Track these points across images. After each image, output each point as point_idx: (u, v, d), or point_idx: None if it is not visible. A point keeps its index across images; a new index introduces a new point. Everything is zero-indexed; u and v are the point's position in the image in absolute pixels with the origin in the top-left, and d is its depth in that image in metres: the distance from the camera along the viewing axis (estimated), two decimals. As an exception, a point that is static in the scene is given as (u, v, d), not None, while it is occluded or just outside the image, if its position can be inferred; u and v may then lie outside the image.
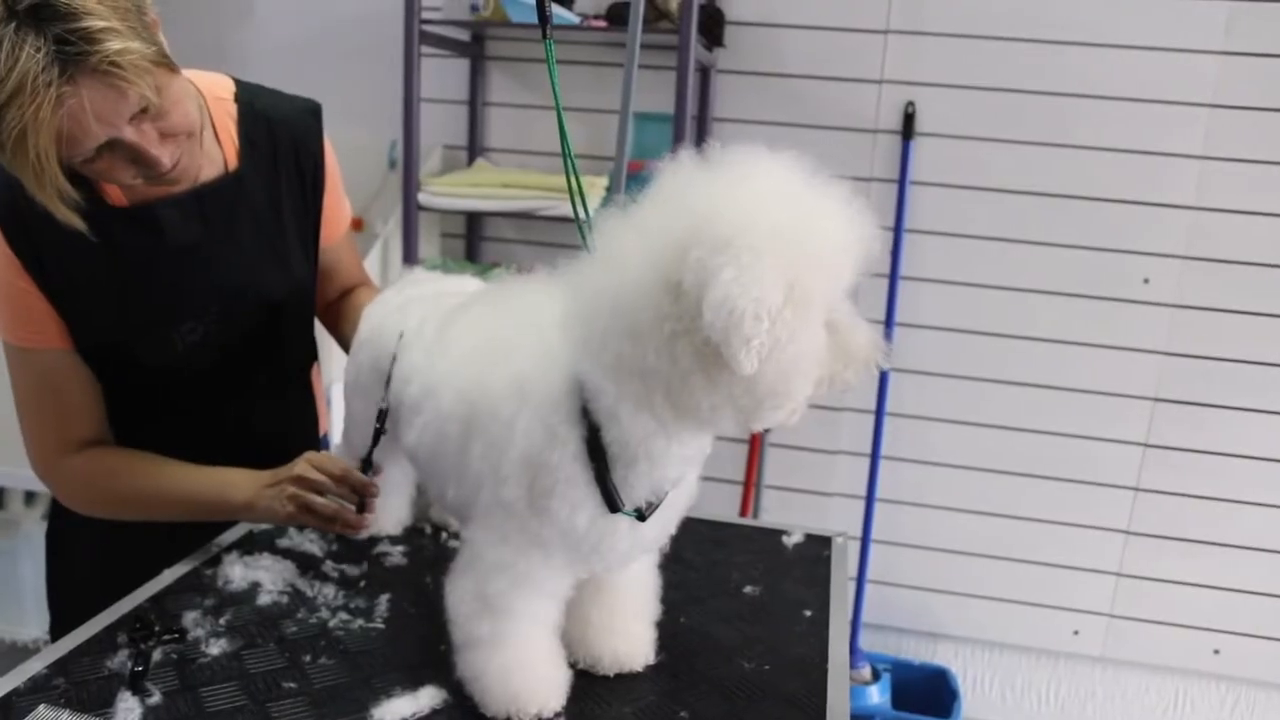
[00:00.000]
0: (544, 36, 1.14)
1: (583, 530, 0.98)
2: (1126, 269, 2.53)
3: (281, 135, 1.37)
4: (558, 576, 1.03)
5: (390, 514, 1.41)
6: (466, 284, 1.37)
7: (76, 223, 1.11)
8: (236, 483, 1.29)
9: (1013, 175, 2.54)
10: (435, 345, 1.16)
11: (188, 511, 1.31)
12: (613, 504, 0.96)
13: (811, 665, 1.18)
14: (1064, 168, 2.51)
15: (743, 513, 2.72)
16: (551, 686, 1.05)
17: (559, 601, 1.06)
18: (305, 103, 1.42)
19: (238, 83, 1.37)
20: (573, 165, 1.16)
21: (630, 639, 1.14)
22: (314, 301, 1.47)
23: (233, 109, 1.34)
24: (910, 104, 2.53)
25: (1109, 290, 2.55)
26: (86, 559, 1.44)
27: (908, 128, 2.53)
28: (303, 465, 1.26)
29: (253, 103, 1.36)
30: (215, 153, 1.31)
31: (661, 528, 1.04)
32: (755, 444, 2.72)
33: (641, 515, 0.99)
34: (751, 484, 2.75)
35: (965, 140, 2.54)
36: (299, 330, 1.47)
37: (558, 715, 1.04)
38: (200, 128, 1.20)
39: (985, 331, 2.63)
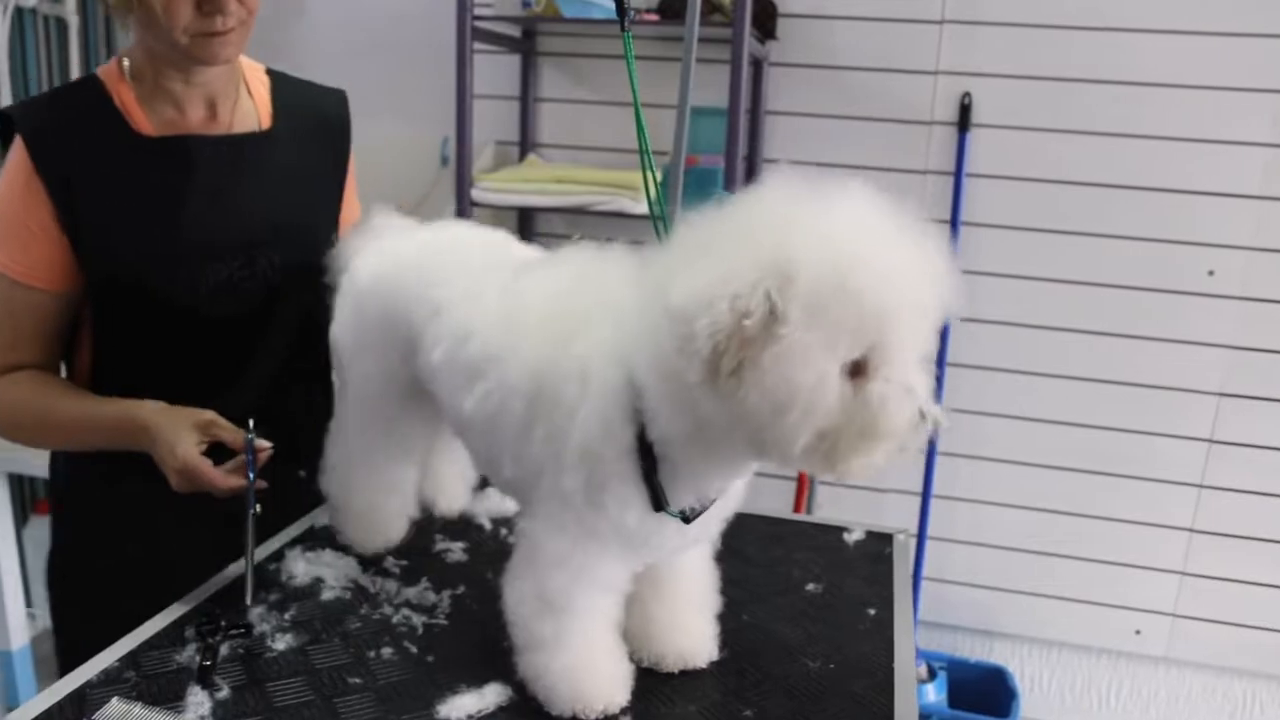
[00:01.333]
0: (622, 29, 1.14)
1: (633, 527, 0.97)
2: (1190, 261, 2.48)
3: (312, 110, 1.43)
4: (615, 569, 1.02)
5: (391, 519, 1.34)
6: (457, 232, 1.31)
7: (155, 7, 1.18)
8: (144, 408, 1.25)
9: (1071, 166, 2.49)
10: (501, 306, 1.08)
11: (86, 429, 1.28)
12: (658, 503, 0.95)
13: (877, 665, 1.16)
14: (1124, 157, 2.46)
15: (796, 508, 2.70)
16: (615, 683, 1.05)
17: (618, 595, 1.05)
18: (332, 90, 1.48)
19: (274, 71, 1.44)
20: (649, 160, 1.14)
21: (693, 635, 1.13)
22: None
23: (265, 80, 1.41)
24: (966, 95, 2.49)
25: (1172, 283, 2.50)
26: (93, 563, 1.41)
27: (963, 119, 2.49)
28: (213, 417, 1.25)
29: (285, 80, 1.44)
30: (250, 110, 1.37)
31: (707, 527, 1.04)
32: (809, 440, 2.70)
33: (686, 518, 0.98)
34: (805, 479, 2.72)
35: (1022, 131, 2.50)
36: (320, 299, 1.40)
37: (623, 712, 1.04)
38: (237, 83, 1.32)
39: (1044, 325, 2.59)
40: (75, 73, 2.84)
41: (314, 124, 1.43)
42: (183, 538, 1.33)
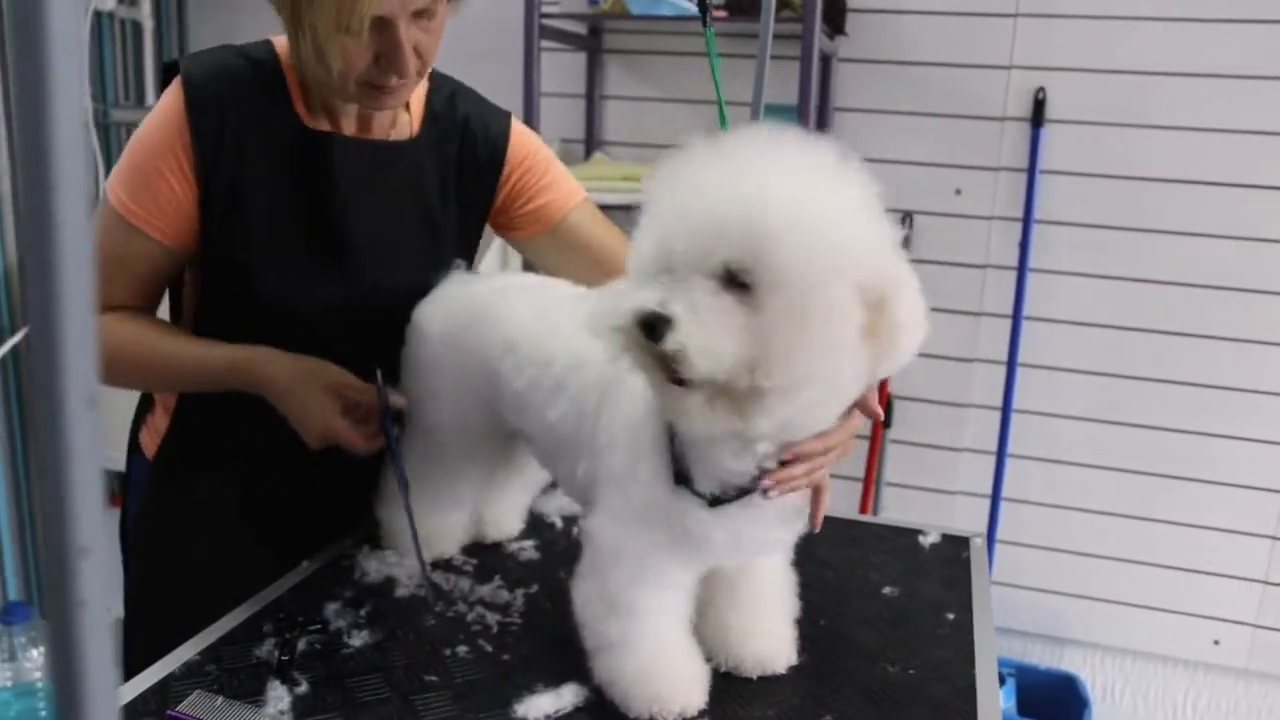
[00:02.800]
0: (705, 25, 1.13)
1: (664, 504, 0.96)
2: (1273, 259, 2.40)
3: (464, 118, 1.35)
4: (673, 566, 1.01)
5: (450, 533, 1.35)
6: (516, 279, 1.34)
7: (336, 65, 1.14)
8: (260, 357, 1.22)
9: (1149, 162, 2.42)
10: (573, 328, 1.10)
11: (195, 367, 1.24)
12: (680, 476, 0.95)
13: (958, 670, 1.14)
14: (1204, 153, 2.38)
15: (862, 510, 2.67)
16: (692, 685, 1.03)
17: (683, 593, 1.04)
18: (495, 108, 1.40)
19: (436, 71, 1.37)
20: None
21: (771, 640, 1.12)
22: None
23: (426, 85, 1.35)
24: (1040, 90, 2.43)
25: (1255, 282, 2.42)
26: (175, 595, 1.38)
27: (1038, 114, 2.44)
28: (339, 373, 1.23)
29: (446, 84, 1.37)
30: (404, 121, 1.33)
31: (761, 530, 1.00)
32: (876, 440, 2.66)
33: (712, 502, 0.95)
34: (872, 480, 2.69)
35: (1099, 126, 2.44)
36: None
37: (700, 715, 1.02)
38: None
39: (1120, 326, 2.52)
40: (150, 75, 2.90)
41: (467, 131, 1.35)
42: (243, 540, 1.35)
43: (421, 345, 1.27)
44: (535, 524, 1.45)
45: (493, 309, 1.23)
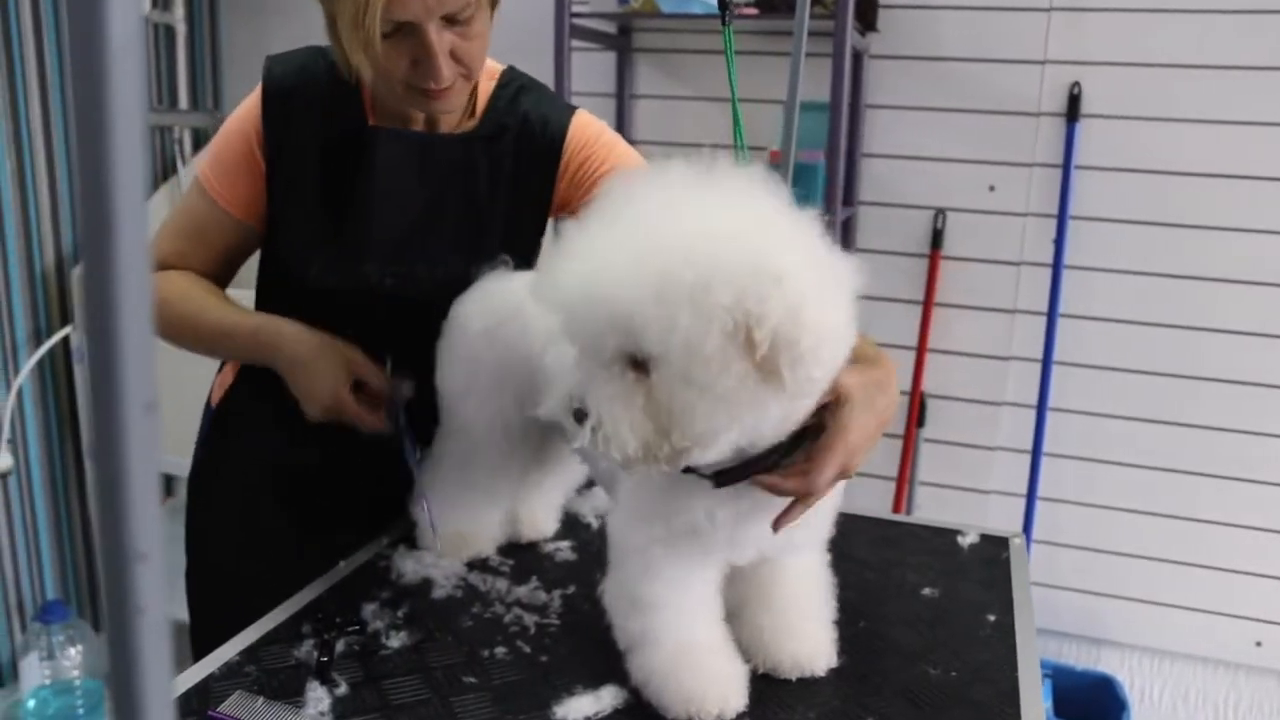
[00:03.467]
0: (724, 23, 1.12)
1: (670, 493, 0.97)
2: (1317, 254, 2.36)
3: (523, 113, 1.34)
4: (684, 561, 1.00)
5: (486, 532, 1.35)
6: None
7: (365, 70, 1.17)
8: (284, 330, 1.30)
9: (1187, 157, 2.39)
10: None
11: (227, 334, 1.31)
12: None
13: (1000, 673, 1.12)
14: (1243, 147, 2.35)
15: (895, 509, 2.65)
16: (730, 685, 1.02)
17: (706, 590, 1.03)
18: (562, 103, 1.40)
19: (510, 69, 1.38)
20: (744, 157, 1.13)
21: (808, 641, 1.10)
22: None
23: (494, 82, 1.35)
24: (1075, 84, 2.41)
25: (1297, 278, 2.38)
26: (222, 546, 1.46)
27: (1073, 109, 2.41)
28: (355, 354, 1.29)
29: (515, 80, 1.37)
30: (468, 121, 1.34)
31: (765, 519, 0.98)
32: (909, 439, 2.65)
33: (718, 480, 0.95)
34: (905, 479, 2.67)
35: (1135, 121, 2.41)
36: None
37: (739, 717, 1.02)
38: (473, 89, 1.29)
39: (1157, 322, 2.49)
40: (183, 80, 2.92)
41: (528, 127, 1.34)
42: (279, 503, 1.40)
43: (460, 341, 1.26)
44: (571, 524, 1.44)
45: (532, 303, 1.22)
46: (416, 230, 1.31)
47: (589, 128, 1.37)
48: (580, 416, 0.87)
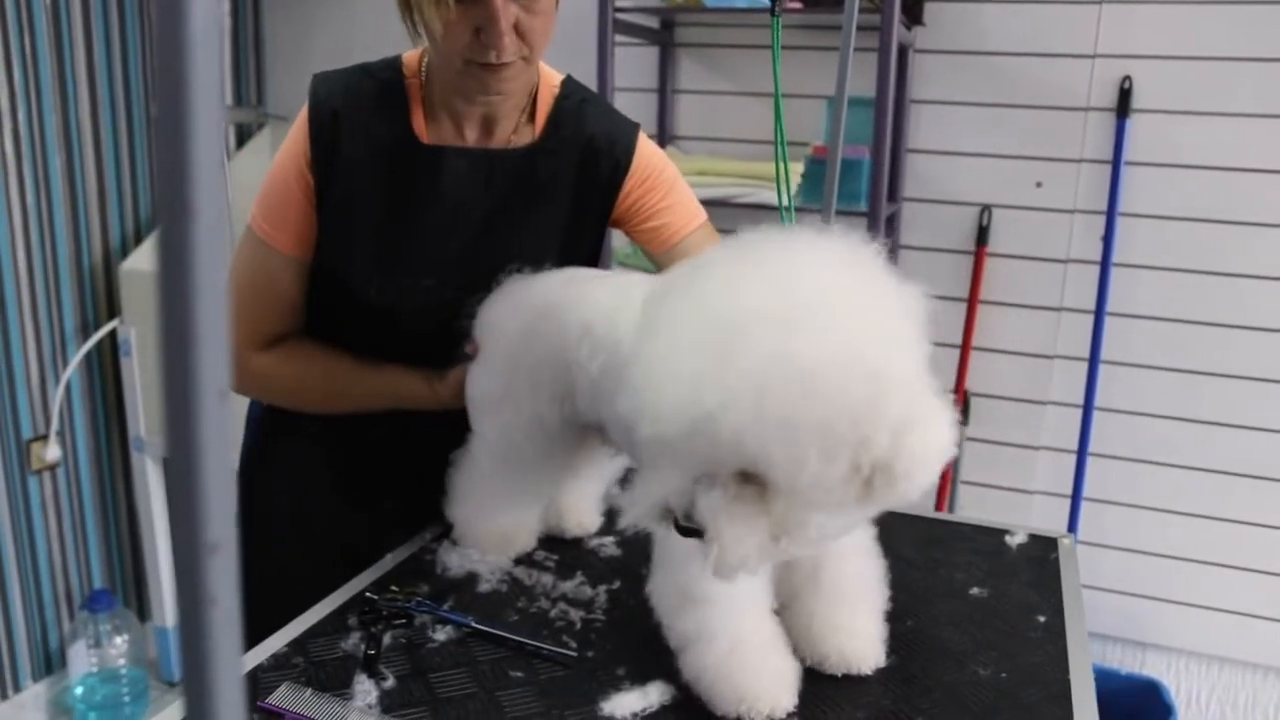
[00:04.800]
0: (773, 14, 1.10)
1: None
2: (1373, 252, 2.31)
3: (588, 130, 1.34)
4: None
5: (528, 526, 1.35)
6: (579, 272, 1.32)
7: (435, 25, 1.15)
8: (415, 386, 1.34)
9: (1240, 152, 2.34)
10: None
11: (367, 396, 1.35)
12: None
13: (1051, 675, 1.11)
14: (1301, 143, 2.30)
15: (938, 507, 2.62)
16: (781, 683, 1.01)
17: (757, 582, 1.02)
18: (625, 120, 1.39)
19: (569, 79, 1.37)
20: (784, 152, 1.11)
21: (857, 637, 1.09)
22: None
23: (555, 92, 1.34)
24: (1126, 79, 2.37)
25: (1352, 276, 2.33)
26: (268, 537, 1.47)
27: (1123, 104, 2.37)
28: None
29: (577, 92, 1.36)
30: (526, 131, 1.33)
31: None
32: (952, 438, 2.62)
33: None
34: (948, 479, 2.64)
35: (1187, 115, 2.36)
36: None
37: (790, 716, 1.01)
38: (521, 106, 1.29)
39: (1206, 321, 2.44)
40: (227, 75, 2.95)
41: (589, 143, 1.33)
42: (328, 483, 1.42)
43: (498, 342, 1.26)
44: (616, 520, 1.44)
45: (567, 296, 1.22)
46: (480, 244, 1.31)
47: (654, 158, 1.38)
48: (687, 529, 0.86)
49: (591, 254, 1.39)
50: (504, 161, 1.30)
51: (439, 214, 1.29)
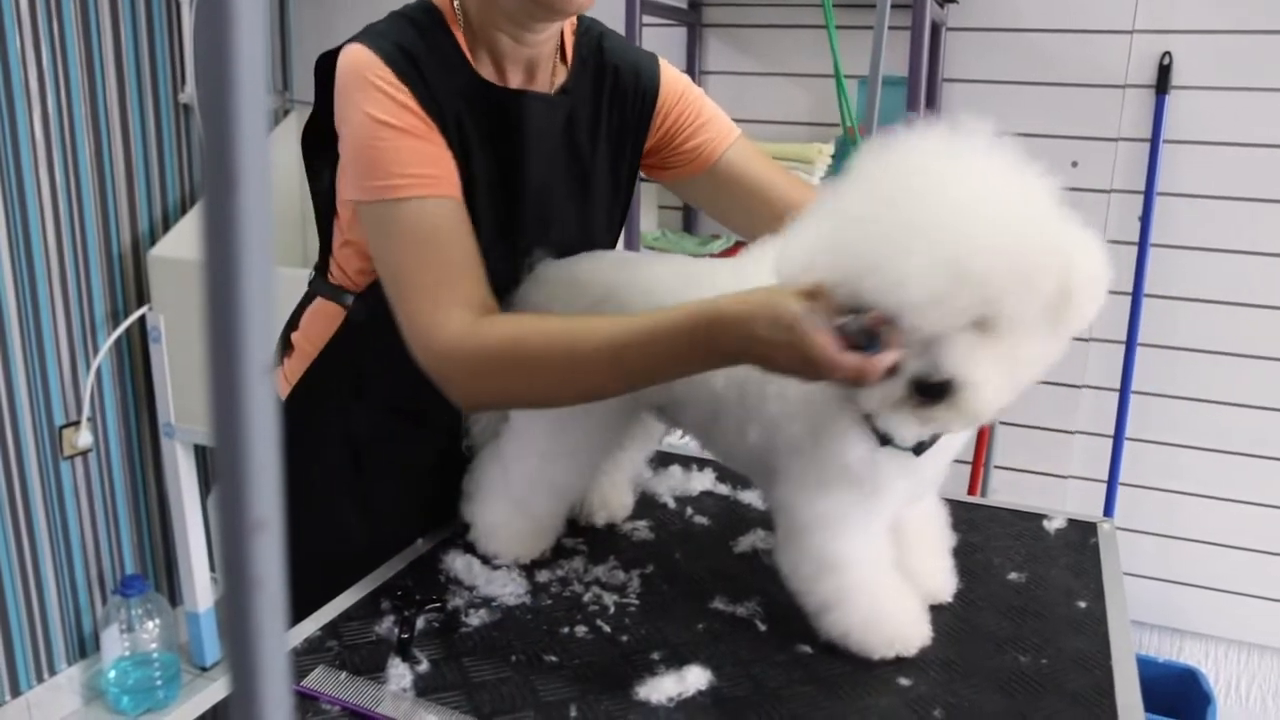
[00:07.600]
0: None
1: (859, 465, 1.02)
2: None
3: (613, 61, 1.29)
4: (868, 518, 1.07)
5: (539, 544, 1.28)
6: (612, 255, 1.29)
7: None
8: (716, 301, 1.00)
9: (1281, 130, 2.29)
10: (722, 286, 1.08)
11: (625, 350, 1.02)
12: (883, 437, 1.01)
13: (1093, 661, 1.09)
14: (1345, 120, 2.25)
15: (971, 491, 2.59)
16: (919, 620, 1.10)
17: (882, 539, 1.10)
18: (643, 52, 1.33)
19: (583, 16, 1.29)
20: (851, 117, 1.10)
21: (936, 577, 1.20)
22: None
23: (574, 28, 1.29)
24: (1166, 54, 2.32)
25: (1397, 256, 2.28)
26: (298, 520, 1.41)
27: (1162, 81, 2.32)
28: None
29: (593, 27, 1.32)
30: (561, 72, 1.27)
31: (935, 467, 1.11)
32: (984, 422, 2.59)
33: (918, 449, 1.02)
34: (980, 463, 2.61)
35: (1229, 92, 2.31)
36: None
37: (830, 702, 0.99)
38: (556, 46, 1.24)
39: (1246, 303, 2.40)
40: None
41: (612, 82, 1.28)
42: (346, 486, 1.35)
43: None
44: (648, 504, 1.43)
45: (629, 277, 1.18)
46: (540, 197, 1.24)
47: (680, 79, 1.35)
48: (938, 390, 0.90)
49: (629, 195, 1.35)
50: (562, 106, 1.24)
51: (537, 166, 1.21)
